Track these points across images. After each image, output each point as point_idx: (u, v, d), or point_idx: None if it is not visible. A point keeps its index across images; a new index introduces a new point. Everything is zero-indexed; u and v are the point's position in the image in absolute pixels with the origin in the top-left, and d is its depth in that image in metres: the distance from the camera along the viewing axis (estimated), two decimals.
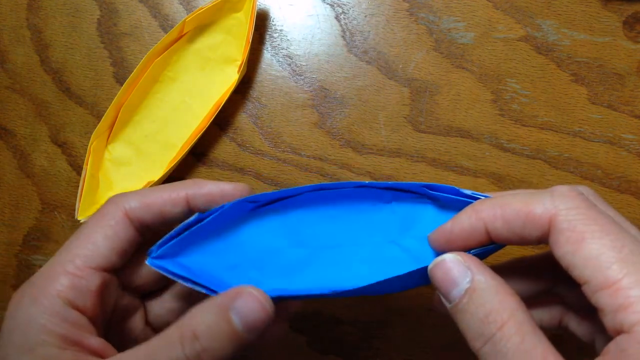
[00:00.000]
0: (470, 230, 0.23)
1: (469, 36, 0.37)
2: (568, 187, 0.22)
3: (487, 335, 0.20)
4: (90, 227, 0.25)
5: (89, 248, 0.24)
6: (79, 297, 0.23)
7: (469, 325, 0.21)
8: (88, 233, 0.24)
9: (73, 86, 0.39)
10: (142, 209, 0.25)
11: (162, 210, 0.25)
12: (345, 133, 0.38)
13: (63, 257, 0.24)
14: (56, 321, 0.22)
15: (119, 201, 0.25)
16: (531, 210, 0.21)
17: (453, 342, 0.37)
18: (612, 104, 0.37)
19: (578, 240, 0.20)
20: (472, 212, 0.23)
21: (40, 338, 0.22)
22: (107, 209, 0.25)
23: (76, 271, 0.23)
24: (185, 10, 0.39)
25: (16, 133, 0.40)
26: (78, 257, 0.24)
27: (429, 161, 0.37)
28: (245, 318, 0.22)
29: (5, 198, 0.40)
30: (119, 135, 0.38)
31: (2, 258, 0.40)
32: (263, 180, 0.38)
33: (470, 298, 0.21)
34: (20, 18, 0.40)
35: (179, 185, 0.25)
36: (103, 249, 0.24)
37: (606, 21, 0.37)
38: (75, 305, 0.23)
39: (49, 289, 0.23)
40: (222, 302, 0.23)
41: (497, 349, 0.20)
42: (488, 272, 0.22)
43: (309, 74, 0.38)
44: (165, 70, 0.38)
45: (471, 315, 0.21)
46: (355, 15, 0.38)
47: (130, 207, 0.25)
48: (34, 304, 0.23)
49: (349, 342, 0.38)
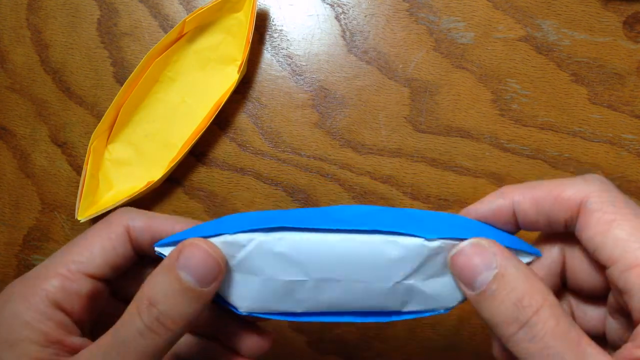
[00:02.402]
0: (498, 211, 0.23)
1: (469, 36, 0.37)
2: (601, 176, 0.22)
3: (523, 320, 0.20)
4: (91, 234, 0.25)
5: (85, 255, 0.24)
6: (67, 299, 0.23)
7: (499, 312, 0.21)
8: (87, 241, 0.25)
9: (73, 86, 0.39)
10: (144, 231, 0.25)
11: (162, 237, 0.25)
12: (345, 133, 0.38)
13: (59, 260, 0.24)
14: (41, 319, 0.23)
15: (126, 216, 0.25)
16: (562, 192, 0.22)
17: (453, 343, 0.37)
18: (612, 104, 0.37)
19: (609, 222, 0.20)
20: (499, 194, 0.23)
21: (23, 334, 0.22)
22: (112, 221, 0.25)
23: (68, 274, 0.24)
24: (185, 10, 0.39)
25: (16, 133, 0.40)
26: (73, 263, 0.24)
27: (429, 161, 0.37)
28: (194, 271, 0.22)
29: (5, 198, 0.40)
30: (119, 135, 0.38)
31: (2, 258, 0.40)
32: (263, 180, 0.38)
33: (499, 284, 0.21)
34: (20, 18, 0.40)
35: (184, 222, 0.25)
36: (98, 259, 0.24)
37: (606, 21, 0.37)
38: (62, 307, 0.23)
39: (39, 288, 0.23)
40: (168, 263, 0.22)
41: (534, 333, 0.20)
42: (514, 257, 0.22)
43: (309, 74, 0.38)
44: (165, 70, 0.38)
45: (502, 301, 0.21)
46: (355, 15, 0.38)
47: (133, 225, 0.25)
48: (22, 301, 0.23)
49: (349, 342, 0.38)
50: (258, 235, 0.23)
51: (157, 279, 0.22)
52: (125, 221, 0.25)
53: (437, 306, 0.24)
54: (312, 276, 0.23)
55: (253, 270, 0.23)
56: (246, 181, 0.38)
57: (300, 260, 0.23)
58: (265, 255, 0.23)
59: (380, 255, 0.23)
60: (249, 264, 0.23)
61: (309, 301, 0.24)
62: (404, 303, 0.24)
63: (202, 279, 0.22)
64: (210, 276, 0.22)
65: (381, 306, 0.24)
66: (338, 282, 0.23)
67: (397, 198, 0.37)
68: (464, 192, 0.37)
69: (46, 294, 0.23)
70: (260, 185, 0.38)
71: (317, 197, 0.38)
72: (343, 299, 0.23)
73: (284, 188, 0.38)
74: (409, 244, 0.22)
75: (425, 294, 0.23)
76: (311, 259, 0.23)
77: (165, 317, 0.22)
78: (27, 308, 0.23)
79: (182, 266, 0.22)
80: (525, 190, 0.23)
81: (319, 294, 0.23)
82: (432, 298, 0.23)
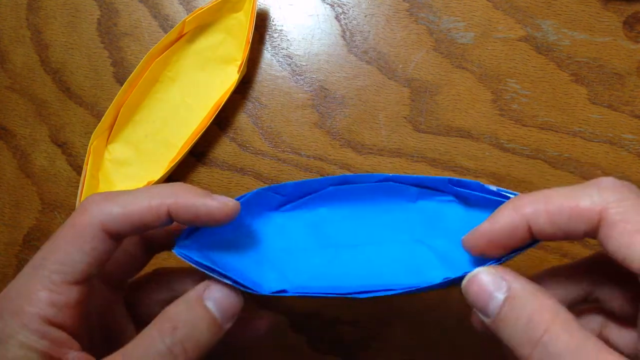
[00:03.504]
0: (512, 228, 0.22)
1: (469, 36, 0.37)
2: (612, 179, 0.22)
3: (535, 339, 0.20)
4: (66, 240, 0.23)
5: (66, 264, 0.23)
6: (57, 314, 0.23)
7: (513, 334, 0.21)
8: (64, 247, 0.23)
9: (73, 86, 0.39)
10: (120, 222, 0.24)
11: (142, 222, 0.24)
12: (345, 133, 0.38)
13: (40, 273, 0.23)
14: (36, 338, 0.22)
15: (96, 214, 0.23)
16: (577, 204, 0.21)
17: (453, 343, 0.37)
18: (612, 104, 0.36)
19: (634, 232, 0.20)
20: (512, 210, 0.22)
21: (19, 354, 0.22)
22: (82, 221, 0.24)
23: (54, 287, 0.23)
24: (185, 10, 0.39)
25: (16, 133, 0.40)
26: (55, 273, 0.23)
27: (429, 161, 0.37)
28: (220, 304, 0.23)
29: (5, 198, 0.40)
30: (119, 135, 0.38)
31: (2, 258, 0.40)
32: (263, 180, 0.38)
33: (510, 306, 0.21)
34: (20, 18, 0.40)
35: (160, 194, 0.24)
36: (80, 264, 0.23)
37: (606, 21, 0.37)
38: (55, 322, 0.23)
39: (28, 307, 0.23)
40: (196, 293, 0.24)
41: (549, 351, 0.20)
42: (523, 279, 0.22)
43: (309, 74, 0.38)
44: (165, 70, 0.38)
45: (514, 323, 0.21)
46: (355, 15, 0.38)
47: (107, 219, 0.23)
48: (14, 320, 0.22)
49: (349, 342, 0.38)
50: None
51: (182, 307, 0.23)
52: (98, 218, 0.23)
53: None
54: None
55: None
56: (246, 181, 0.38)
57: None
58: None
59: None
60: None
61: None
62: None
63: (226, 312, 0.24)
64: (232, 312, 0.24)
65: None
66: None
67: None
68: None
69: (37, 313, 0.22)
70: (260, 185, 0.38)
71: None
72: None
73: None
74: None
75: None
76: None
77: (188, 342, 0.22)
78: (21, 327, 0.22)
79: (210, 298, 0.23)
80: (538, 204, 0.22)
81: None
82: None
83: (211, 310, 0.23)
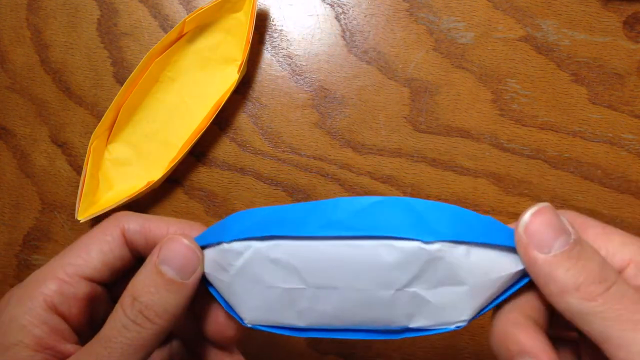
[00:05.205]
0: None
1: (469, 36, 0.37)
2: None
3: (613, 278, 0.20)
4: (88, 238, 0.25)
5: (82, 257, 0.24)
6: (64, 303, 0.24)
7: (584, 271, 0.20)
8: (85, 244, 0.25)
9: (73, 86, 0.39)
10: (140, 234, 0.25)
11: (156, 241, 0.25)
12: (345, 133, 0.38)
13: (56, 264, 0.24)
14: (36, 323, 0.23)
15: (121, 219, 0.25)
16: None
17: (453, 343, 0.37)
18: (612, 104, 0.37)
19: None
20: None
21: (17, 338, 0.23)
22: (108, 225, 0.25)
23: (65, 277, 0.24)
24: (185, 10, 0.39)
25: (16, 133, 0.40)
26: (70, 265, 0.24)
27: (429, 161, 0.37)
28: (174, 263, 0.23)
29: (5, 198, 0.40)
30: (119, 135, 0.38)
31: (2, 258, 0.40)
32: (263, 180, 0.38)
33: (583, 245, 0.21)
34: (20, 18, 0.40)
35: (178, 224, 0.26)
36: (96, 261, 0.25)
37: (606, 21, 0.37)
38: (59, 311, 0.24)
39: (36, 292, 0.24)
40: (149, 259, 0.23)
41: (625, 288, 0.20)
42: None
43: (309, 74, 0.38)
44: (165, 70, 0.38)
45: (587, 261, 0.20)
46: (355, 15, 0.38)
47: (129, 228, 0.25)
48: (20, 305, 0.23)
49: (349, 342, 0.38)
50: (254, 243, 0.22)
51: (139, 276, 0.23)
52: (121, 224, 0.25)
53: (447, 320, 0.22)
54: (310, 283, 0.22)
55: (253, 279, 0.23)
56: (246, 181, 0.38)
57: (296, 267, 0.22)
58: (262, 263, 0.22)
59: (377, 260, 0.21)
60: (249, 272, 0.23)
61: (310, 313, 0.23)
62: (410, 316, 0.22)
63: (183, 270, 0.23)
64: (190, 267, 0.23)
65: (386, 320, 0.22)
66: (337, 289, 0.22)
67: None
68: (464, 192, 0.37)
69: (43, 298, 0.23)
70: (260, 185, 0.38)
71: (317, 197, 0.38)
72: (345, 310, 0.22)
73: (284, 188, 0.38)
74: (406, 247, 0.21)
75: (431, 305, 0.22)
76: (307, 266, 0.22)
77: (148, 310, 0.22)
78: (24, 312, 0.23)
79: (162, 260, 0.23)
80: None
81: (319, 304, 0.22)
82: (441, 310, 0.22)
83: (166, 273, 0.23)
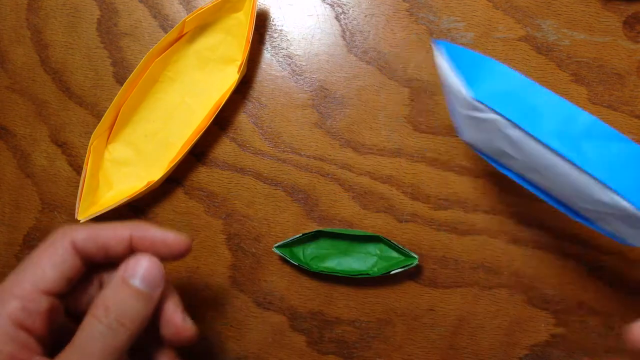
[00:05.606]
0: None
1: (469, 36, 0.37)
2: None
3: None
4: (39, 254, 0.27)
5: (37, 274, 0.26)
6: (28, 318, 0.25)
7: None
8: (37, 260, 0.26)
9: (73, 86, 0.39)
10: (90, 241, 0.27)
11: (106, 246, 0.28)
12: (345, 133, 0.38)
13: (12, 282, 0.26)
14: (5, 340, 0.24)
15: (68, 232, 0.27)
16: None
17: (453, 343, 0.37)
18: (612, 104, 0.37)
19: None
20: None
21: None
22: (55, 239, 0.27)
23: (26, 294, 0.25)
24: (185, 10, 0.39)
25: (16, 133, 0.40)
26: (27, 282, 0.26)
27: (429, 161, 0.37)
28: (142, 277, 0.26)
29: (5, 198, 0.40)
30: (119, 135, 0.38)
31: (2, 258, 0.40)
32: (263, 180, 0.38)
33: None
34: (20, 18, 0.40)
35: (125, 226, 0.28)
36: (51, 274, 0.26)
37: (606, 21, 0.37)
38: (25, 326, 0.25)
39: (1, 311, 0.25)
40: (118, 274, 0.27)
41: None
42: None
43: (309, 74, 0.38)
44: (165, 70, 0.38)
45: None
46: (355, 15, 0.38)
47: (77, 238, 0.27)
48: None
49: (349, 342, 0.38)
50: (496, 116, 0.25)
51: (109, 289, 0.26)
52: (69, 236, 0.27)
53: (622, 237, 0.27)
54: (524, 161, 0.26)
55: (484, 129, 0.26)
56: (246, 181, 0.38)
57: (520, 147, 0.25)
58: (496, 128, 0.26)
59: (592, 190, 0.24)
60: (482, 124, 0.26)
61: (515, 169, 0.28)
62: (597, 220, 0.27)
63: (150, 283, 0.27)
64: (156, 281, 0.27)
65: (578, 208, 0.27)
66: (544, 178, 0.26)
67: (397, 198, 0.37)
68: (464, 192, 0.37)
69: (8, 316, 0.25)
70: (260, 185, 0.38)
71: (317, 197, 0.38)
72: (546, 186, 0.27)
73: (284, 188, 0.38)
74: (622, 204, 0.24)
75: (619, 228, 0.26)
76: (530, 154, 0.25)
77: (123, 317, 0.25)
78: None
79: (131, 275, 0.26)
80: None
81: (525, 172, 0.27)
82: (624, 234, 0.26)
83: (135, 285, 0.26)
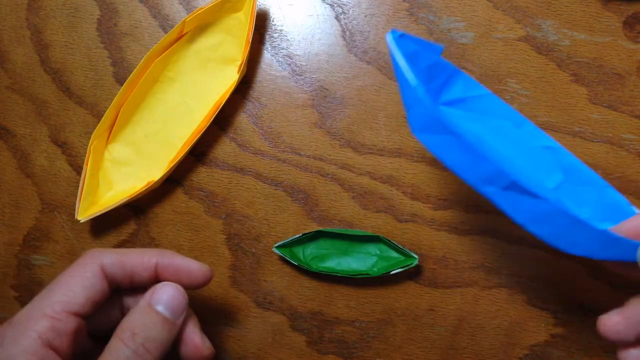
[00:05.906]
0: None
1: (469, 36, 0.37)
2: None
3: None
4: (69, 276, 0.27)
5: (68, 295, 0.27)
6: (56, 338, 0.25)
7: None
8: (67, 282, 0.27)
9: (73, 86, 0.39)
10: (117, 267, 0.28)
11: (132, 272, 0.29)
12: (345, 133, 0.38)
13: (43, 302, 0.26)
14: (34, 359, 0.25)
15: (98, 255, 0.28)
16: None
17: (453, 343, 0.37)
18: (612, 104, 0.36)
19: None
20: None
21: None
22: (85, 262, 0.28)
23: (55, 315, 0.26)
24: (185, 10, 0.39)
25: (16, 133, 0.40)
26: (57, 303, 0.26)
27: (429, 161, 0.37)
28: (168, 304, 0.27)
29: (5, 198, 0.40)
30: (119, 135, 0.38)
31: (2, 258, 0.40)
32: (263, 180, 0.38)
33: None
34: (20, 18, 0.40)
35: (151, 252, 0.29)
36: (80, 297, 0.27)
37: (606, 21, 0.37)
38: (53, 346, 0.25)
39: (30, 331, 0.25)
40: (145, 301, 0.27)
41: None
42: None
43: (309, 74, 0.38)
44: (165, 70, 0.38)
45: None
46: (355, 15, 0.38)
47: (106, 262, 0.28)
48: (15, 344, 0.25)
49: (349, 342, 0.38)
50: None
51: (136, 315, 0.27)
52: (99, 260, 0.28)
53: None
54: None
55: None
56: (246, 181, 0.38)
57: None
58: None
59: None
60: None
61: None
62: None
63: (174, 310, 0.28)
64: (180, 308, 0.28)
65: None
66: None
67: (397, 198, 0.37)
68: (464, 192, 0.37)
69: (38, 335, 0.25)
70: (260, 185, 0.38)
71: (317, 197, 0.38)
72: None
73: (284, 188, 0.38)
74: None
75: None
76: None
77: (149, 343, 0.26)
78: (22, 350, 0.24)
79: (157, 301, 0.27)
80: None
81: None
82: None
83: (161, 312, 0.27)
